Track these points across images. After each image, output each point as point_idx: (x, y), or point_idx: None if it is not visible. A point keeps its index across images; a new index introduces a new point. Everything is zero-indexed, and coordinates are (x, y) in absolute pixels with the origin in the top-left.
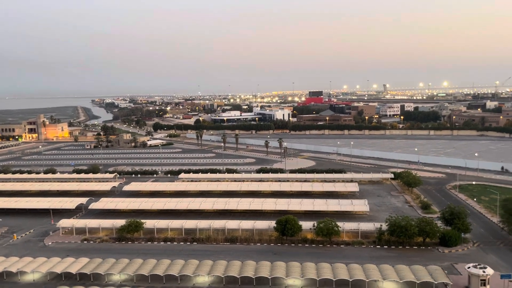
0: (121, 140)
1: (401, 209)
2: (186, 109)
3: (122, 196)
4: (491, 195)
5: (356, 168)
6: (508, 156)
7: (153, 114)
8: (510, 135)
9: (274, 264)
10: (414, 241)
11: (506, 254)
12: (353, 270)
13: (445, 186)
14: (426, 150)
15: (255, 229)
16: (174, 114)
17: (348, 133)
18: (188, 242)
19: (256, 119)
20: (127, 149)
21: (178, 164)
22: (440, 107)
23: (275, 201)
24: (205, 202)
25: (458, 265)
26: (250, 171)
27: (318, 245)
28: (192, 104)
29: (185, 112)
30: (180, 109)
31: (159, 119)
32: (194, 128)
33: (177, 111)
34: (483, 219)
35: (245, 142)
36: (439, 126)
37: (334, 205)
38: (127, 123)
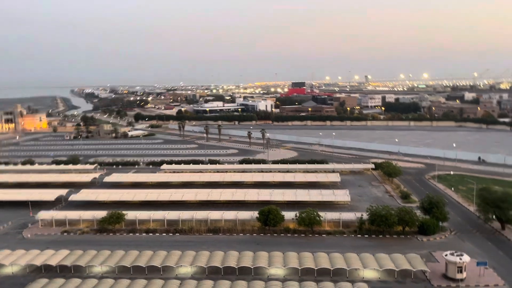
0: (102, 130)
1: (382, 198)
2: (168, 100)
3: (103, 188)
4: (468, 184)
5: (338, 158)
6: (485, 146)
7: (134, 105)
8: (487, 126)
9: (256, 254)
10: (394, 230)
11: (482, 242)
12: (334, 259)
13: (424, 176)
14: (406, 140)
15: (238, 220)
16: (156, 105)
17: (330, 124)
18: (170, 233)
19: (239, 110)
20: (108, 139)
21: (160, 155)
22: (420, 99)
23: (257, 191)
24: (187, 193)
25: (436, 253)
26: (233, 162)
27: (300, 235)
28: (174, 95)
29: (167, 103)
30: (162, 100)
31: (140, 109)
32: (176, 118)
33: (158, 101)
34: (460, 208)
35: (228, 133)
36: (419, 117)
37: (316, 195)
38: (107, 113)
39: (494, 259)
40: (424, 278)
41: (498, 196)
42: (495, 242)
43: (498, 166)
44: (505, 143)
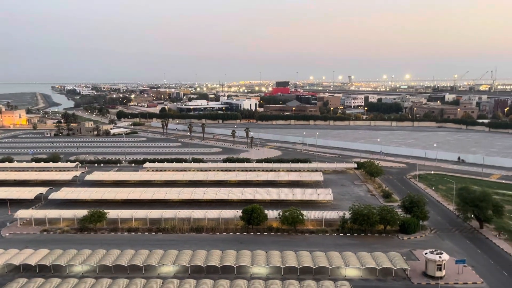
0: (83, 128)
1: (364, 198)
2: (151, 97)
3: (84, 186)
4: (448, 184)
5: (321, 158)
6: (464, 147)
7: (116, 102)
8: (467, 126)
9: (239, 253)
10: (376, 229)
11: (461, 240)
12: (317, 257)
13: (406, 175)
14: (388, 140)
15: (221, 219)
16: (139, 102)
17: (313, 124)
18: (153, 232)
19: (223, 108)
20: (90, 137)
21: (143, 153)
22: (402, 99)
23: (241, 190)
24: (170, 191)
25: (416, 251)
26: (216, 161)
27: (284, 234)
28: (157, 92)
29: (150, 101)
30: (145, 97)
31: (123, 107)
32: (160, 116)
33: (142, 99)
34: (440, 207)
35: (211, 132)
36: (401, 118)
37: (299, 194)
38: (89, 110)
39: (473, 258)
40: (404, 276)
41: (477, 195)
42: (473, 241)
43: (477, 166)
44: (484, 144)
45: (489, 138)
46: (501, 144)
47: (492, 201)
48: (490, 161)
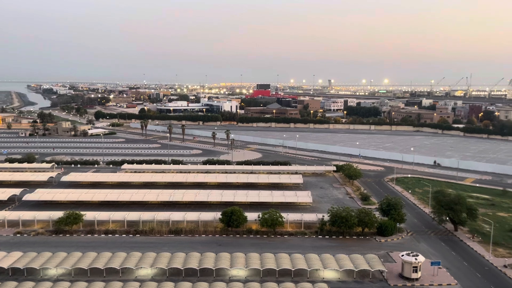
0: (60, 128)
1: (342, 200)
2: (131, 98)
3: (60, 187)
4: (424, 187)
5: (300, 160)
6: (440, 151)
7: (95, 102)
8: (443, 131)
9: (218, 255)
10: (354, 231)
11: (436, 242)
12: (295, 259)
13: (384, 178)
14: (367, 144)
15: (200, 221)
16: (118, 103)
17: (294, 126)
18: (130, 234)
19: (204, 110)
20: (66, 137)
21: (121, 154)
22: (380, 103)
23: (221, 192)
24: (149, 193)
25: (393, 253)
26: (196, 163)
27: (263, 236)
28: (136, 93)
29: (129, 101)
30: (124, 98)
31: (101, 107)
32: (139, 117)
33: (120, 99)
34: (416, 209)
35: (192, 133)
36: (379, 122)
37: (279, 197)
38: (66, 110)
39: (447, 259)
40: (381, 278)
41: (452, 198)
42: (448, 243)
43: (452, 170)
44: (459, 148)
45: (464, 143)
46: (475, 149)
47: (466, 204)
48: (464, 165)
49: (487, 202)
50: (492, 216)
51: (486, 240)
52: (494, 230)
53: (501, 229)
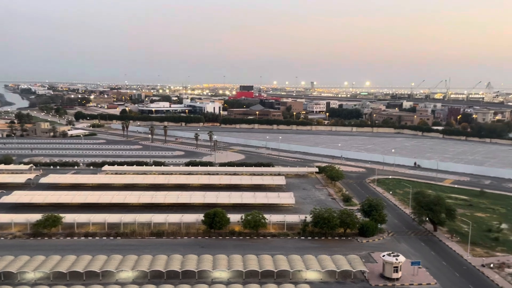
0: (39, 129)
1: (325, 201)
2: (112, 99)
3: (38, 189)
4: (405, 188)
5: (283, 162)
6: (420, 152)
7: (75, 103)
8: (423, 133)
9: (201, 257)
10: (336, 232)
11: (416, 243)
12: (278, 261)
13: (365, 180)
14: (349, 145)
15: (182, 223)
16: (99, 103)
17: (276, 128)
18: (111, 236)
19: (186, 111)
20: (45, 139)
21: (102, 156)
22: (362, 105)
23: (203, 194)
24: (130, 195)
25: (374, 254)
26: (178, 164)
27: (246, 237)
28: (118, 94)
29: (111, 102)
30: (105, 98)
31: (81, 108)
32: (120, 118)
33: (101, 100)
34: (397, 210)
35: (174, 135)
36: (361, 123)
37: (262, 198)
38: (45, 111)
39: (427, 259)
40: (363, 278)
41: (431, 199)
42: (428, 243)
43: (432, 171)
44: (438, 150)
45: (443, 144)
46: (454, 150)
47: (445, 205)
48: (444, 166)
49: (465, 203)
50: (470, 217)
51: (464, 240)
52: (472, 230)
53: (479, 229)
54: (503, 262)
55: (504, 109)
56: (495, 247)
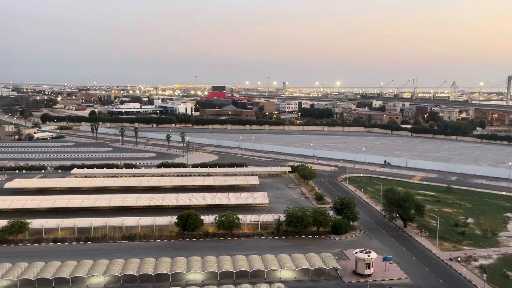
0: (2, 132)
1: (298, 200)
2: (80, 100)
3: (3, 194)
4: (376, 186)
5: (257, 162)
6: (390, 150)
7: (41, 104)
8: (392, 131)
9: (174, 260)
10: (309, 231)
11: (387, 239)
12: (252, 261)
13: (337, 178)
14: (321, 144)
15: (155, 225)
16: (66, 105)
17: (249, 128)
18: (81, 241)
19: (157, 112)
20: (10, 142)
21: (71, 159)
22: (333, 105)
23: (176, 196)
24: (101, 199)
25: (347, 251)
26: (150, 166)
27: (220, 238)
28: (86, 95)
29: (79, 103)
30: (73, 100)
31: (48, 110)
32: (89, 120)
33: (69, 101)
34: (368, 208)
35: (145, 136)
36: (332, 123)
37: (236, 198)
38: (9, 113)
39: (398, 255)
40: (336, 276)
41: (401, 196)
42: (398, 239)
43: (401, 169)
44: (407, 147)
45: (412, 142)
46: (422, 148)
47: (414, 201)
48: (412, 163)
49: (433, 199)
50: (438, 212)
51: (433, 235)
52: (440, 225)
53: (446, 224)
54: (469, 255)
55: (468, 107)
56: (462, 241)
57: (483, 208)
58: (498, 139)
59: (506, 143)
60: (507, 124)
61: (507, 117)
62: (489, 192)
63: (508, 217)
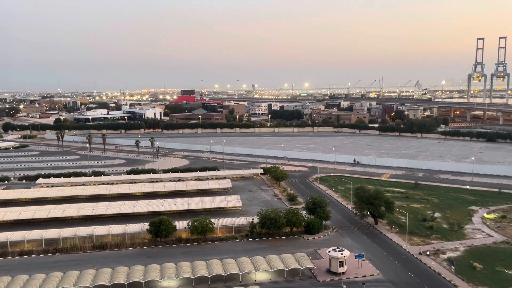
0: None
1: (271, 202)
2: (44, 108)
3: None
4: (346, 184)
5: (229, 165)
6: (359, 149)
7: (2, 113)
8: (360, 130)
9: (148, 268)
10: (283, 232)
11: (359, 236)
12: (227, 265)
13: (308, 178)
14: (291, 146)
15: (127, 233)
16: (29, 113)
17: (220, 131)
18: (49, 253)
19: (126, 118)
20: None
21: (36, 168)
22: (302, 106)
23: (148, 202)
24: (69, 208)
25: (320, 250)
26: (120, 173)
27: (193, 244)
28: (50, 102)
29: (43, 111)
30: (36, 108)
31: (10, 118)
32: (54, 128)
33: (32, 109)
34: (340, 206)
35: (113, 142)
36: (302, 124)
37: (209, 203)
38: None
39: (370, 251)
40: (310, 275)
41: (371, 194)
42: (370, 236)
43: (370, 167)
44: (375, 146)
45: (379, 141)
46: (389, 146)
47: (384, 199)
48: (381, 161)
49: (402, 195)
50: (407, 208)
51: (402, 230)
52: (409, 221)
53: (415, 219)
54: (438, 249)
55: (432, 105)
56: (430, 235)
57: (449, 203)
58: (461, 135)
59: (468, 139)
60: (468, 120)
61: (468, 113)
62: (454, 187)
63: (472, 210)
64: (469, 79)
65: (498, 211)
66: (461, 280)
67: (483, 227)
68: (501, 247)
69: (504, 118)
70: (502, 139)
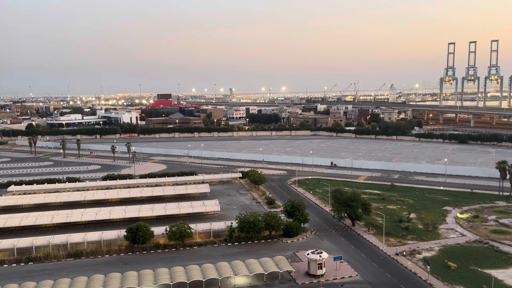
0: None
1: (249, 206)
2: (15, 113)
3: None
4: (324, 187)
5: (207, 169)
6: (335, 152)
7: None
8: (337, 134)
9: (124, 275)
10: (262, 235)
11: (337, 238)
12: (206, 270)
13: (287, 181)
14: (270, 149)
15: (103, 240)
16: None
17: (198, 136)
18: (22, 262)
19: (101, 122)
20: None
21: (7, 175)
22: (280, 110)
23: (124, 208)
24: (42, 216)
25: (299, 253)
26: (95, 179)
27: (171, 249)
28: (22, 107)
29: (14, 116)
30: (7, 113)
31: None
32: (26, 133)
33: (3, 114)
34: (318, 209)
35: (88, 148)
36: (280, 127)
37: (187, 208)
38: None
39: (348, 253)
40: (290, 278)
41: (348, 196)
42: (347, 238)
43: (347, 169)
44: (351, 149)
45: (356, 144)
46: (365, 148)
47: (361, 201)
48: (357, 164)
49: (378, 197)
50: (383, 209)
51: (379, 232)
52: (385, 222)
53: (391, 220)
54: (413, 249)
55: (406, 108)
56: (406, 236)
57: (424, 203)
58: (434, 137)
59: (441, 141)
60: (441, 123)
61: (441, 116)
62: (428, 188)
63: (446, 211)
64: (441, 82)
65: (471, 211)
66: (437, 279)
67: (456, 227)
68: (474, 246)
69: (475, 120)
70: (473, 141)
